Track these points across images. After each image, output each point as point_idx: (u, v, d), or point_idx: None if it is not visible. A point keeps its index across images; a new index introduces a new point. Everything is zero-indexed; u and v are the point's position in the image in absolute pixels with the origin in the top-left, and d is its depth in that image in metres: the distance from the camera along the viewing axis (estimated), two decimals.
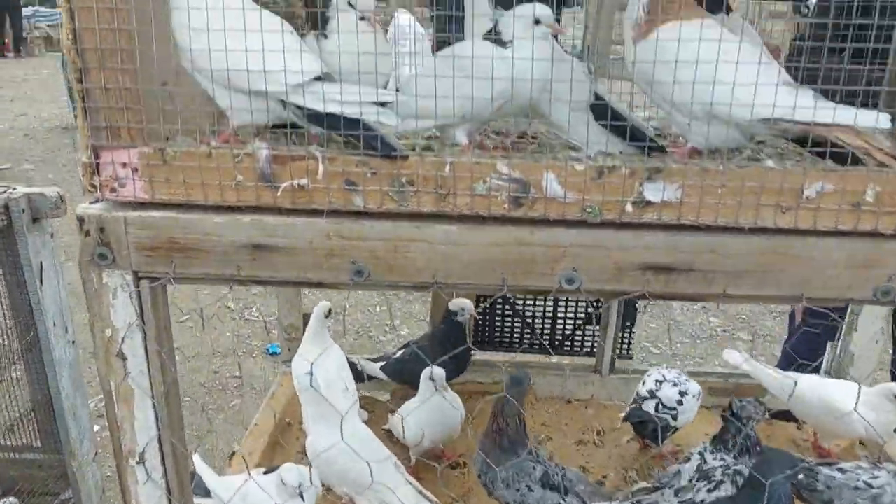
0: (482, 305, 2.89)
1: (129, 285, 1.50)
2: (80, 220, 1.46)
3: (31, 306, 2.92)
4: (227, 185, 1.43)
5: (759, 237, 1.36)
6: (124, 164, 1.43)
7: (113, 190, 1.45)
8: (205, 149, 1.43)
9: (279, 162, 1.41)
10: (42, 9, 16.60)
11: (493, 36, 1.52)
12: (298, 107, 1.39)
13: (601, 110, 1.70)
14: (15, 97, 12.39)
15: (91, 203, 1.49)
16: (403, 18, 2.68)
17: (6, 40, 15.20)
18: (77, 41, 1.36)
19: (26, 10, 15.81)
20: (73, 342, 3.05)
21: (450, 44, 1.59)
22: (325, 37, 1.55)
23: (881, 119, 1.33)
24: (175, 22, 1.41)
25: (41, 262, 2.87)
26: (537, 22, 1.48)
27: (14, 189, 2.83)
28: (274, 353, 5.34)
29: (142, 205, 1.46)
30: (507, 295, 1.49)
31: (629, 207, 1.37)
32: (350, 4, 1.53)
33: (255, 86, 1.37)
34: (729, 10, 1.75)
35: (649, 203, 1.36)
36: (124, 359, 1.55)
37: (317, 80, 1.39)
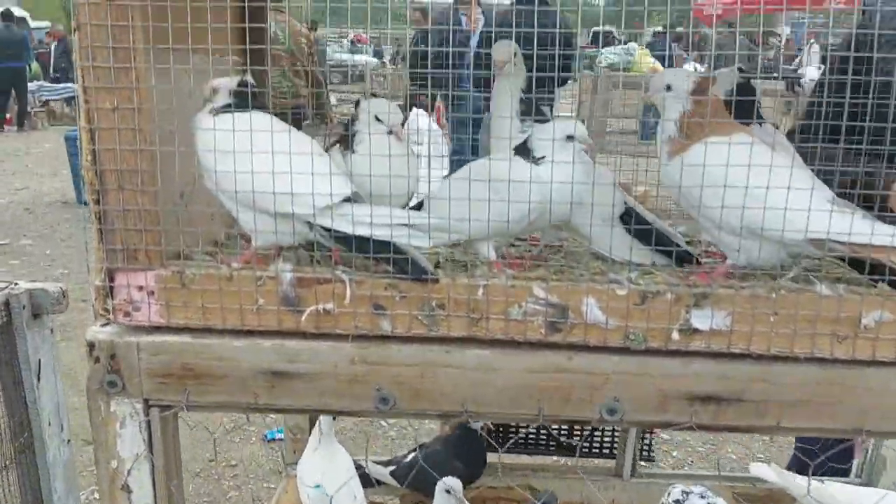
0: None
1: (138, 414, 1.40)
2: (91, 345, 1.37)
3: (26, 405, 2.80)
4: (248, 309, 1.35)
5: (814, 367, 1.29)
6: (140, 288, 1.36)
7: (126, 314, 1.37)
8: (225, 271, 1.36)
9: (304, 285, 1.34)
10: (47, 84, 16.88)
11: (524, 151, 1.47)
12: (326, 229, 1.33)
13: (633, 221, 1.65)
14: (16, 171, 12.44)
15: (102, 326, 1.41)
16: (415, 115, 2.67)
17: (9, 115, 15.40)
18: (96, 162, 1.30)
19: (31, 86, 16.07)
20: (69, 441, 2.93)
21: (473, 153, 1.55)
22: (353, 151, 1.50)
23: None
24: (199, 143, 1.36)
25: (39, 360, 2.77)
26: (570, 138, 1.44)
27: (16, 284, 2.75)
28: (273, 440, 5.16)
29: (156, 329, 1.38)
30: None
31: (675, 335, 1.29)
32: (378, 119, 1.48)
33: (281, 208, 1.31)
34: (760, 118, 1.73)
35: (697, 331, 1.29)
36: (129, 492, 1.44)
37: (345, 202, 1.33)
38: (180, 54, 1.32)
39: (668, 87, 1.49)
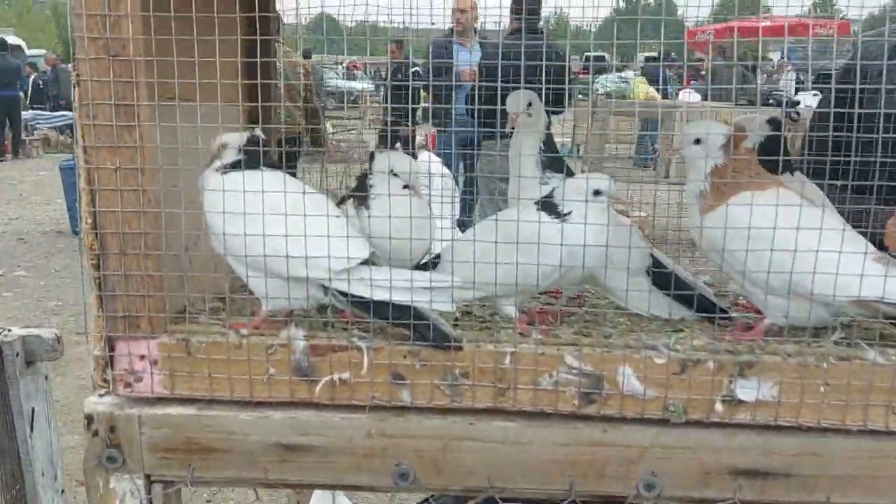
0: None
1: (139, 491, 1.30)
2: (89, 418, 1.28)
3: (19, 456, 2.69)
4: (258, 380, 1.26)
5: (867, 440, 1.20)
6: (142, 357, 1.27)
7: (127, 385, 1.28)
8: (234, 338, 1.27)
9: (318, 353, 1.25)
10: (42, 112, 16.83)
11: (550, 206, 1.39)
12: (342, 293, 1.24)
13: (659, 274, 1.57)
14: (10, 199, 12.33)
15: (101, 396, 1.31)
16: (425, 157, 2.59)
17: (6, 143, 15.32)
18: (97, 225, 1.22)
19: (26, 114, 16.01)
20: (63, 491, 2.81)
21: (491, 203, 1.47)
22: (367, 207, 1.42)
23: None
24: (207, 204, 1.28)
25: (33, 408, 2.66)
26: (597, 193, 1.36)
27: (9, 331, 2.65)
28: None
29: (159, 400, 1.29)
30: None
31: (718, 406, 1.21)
32: (394, 173, 1.40)
33: (295, 272, 1.23)
34: (792, 168, 1.66)
35: (741, 402, 1.20)
36: None
37: (363, 264, 1.24)
38: (186, 107, 1.24)
39: (698, 141, 1.42)
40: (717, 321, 1.52)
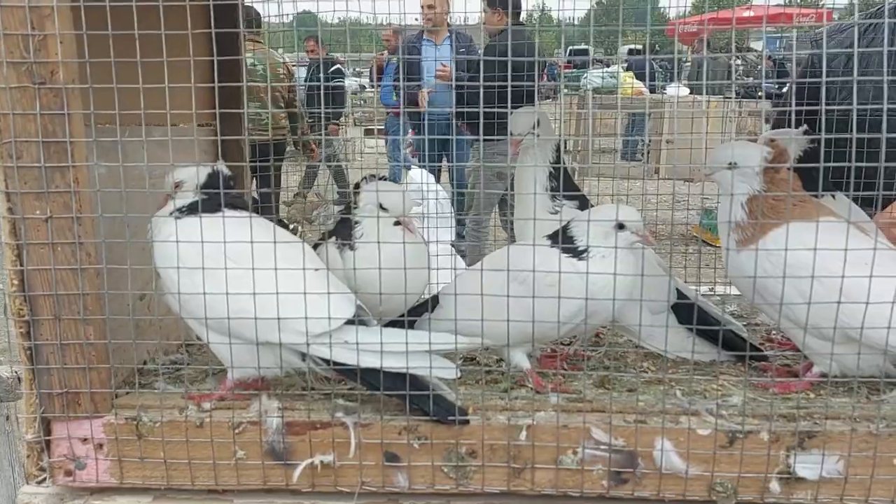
0: None
1: None
2: None
3: None
4: (224, 465, 1.06)
5: None
6: (85, 440, 1.07)
7: (68, 473, 1.08)
8: (194, 415, 1.06)
9: (295, 432, 1.06)
10: None
11: (564, 242, 1.19)
12: (323, 359, 1.04)
13: (684, 310, 1.38)
14: None
15: (38, 484, 1.10)
16: (417, 175, 2.39)
17: None
18: (25, 287, 1.01)
19: None
20: None
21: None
22: (352, 248, 1.21)
23: None
24: (158, 257, 1.07)
25: None
26: (621, 227, 1.16)
27: None
28: None
29: (106, 491, 1.09)
30: None
31: (774, 485, 1.02)
32: (382, 207, 1.20)
33: (265, 337, 1.02)
34: (833, 187, 1.47)
35: (801, 479, 1.01)
36: None
37: (348, 324, 1.04)
38: (134, 133, 1.02)
39: (734, 164, 1.22)
40: (752, 363, 1.36)
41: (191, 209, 1.08)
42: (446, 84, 4.74)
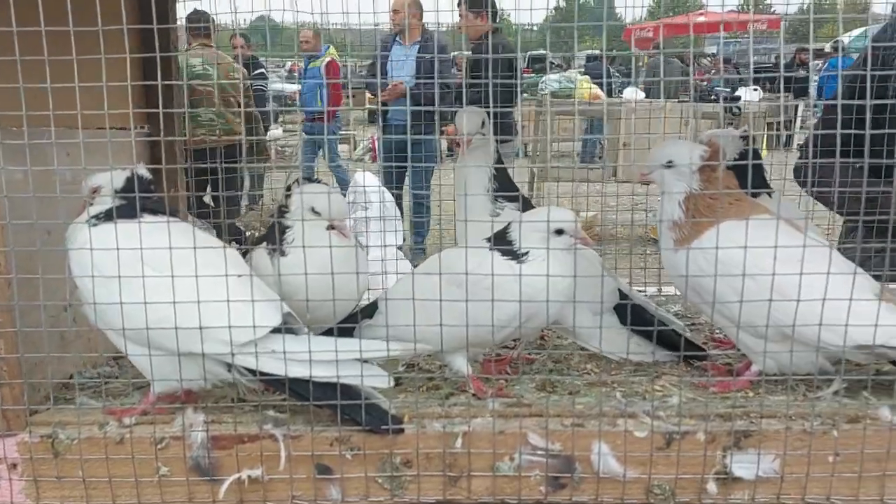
0: None
1: None
2: None
3: None
4: (147, 482, 1.01)
5: None
6: None
7: None
8: (114, 431, 1.01)
9: (222, 446, 1.01)
10: None
11: (504, 244, 1.17)
12: (249, 369, 1.00)
13: (626, 311, 1.37)
14: None
15: None
16: (363, 178, 2.35)
17: None
18: None
19: None
20: None
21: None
22: (283, 253, 1.17)
23: None
24: (74, 266, 1.02)
25: None
26: (560, 230, 1.15)
27: None
28: None
29: None
30: None
31: (712, 486, 1.01)
32: (315, 211, 1.16)
33: (187, 347, 0.98)
34: (767, 186, 1.48)
35: (738, 479, 1.00)
36: None
37: (275, 332, 1.00)
38: (49, 133, 0.97)
39: (670, 163, 1.22)
40: (694, 362, 1.35)
41: (107, 215, 1.03)
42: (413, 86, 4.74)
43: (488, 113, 1.41)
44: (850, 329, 1.03)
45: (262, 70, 6.13)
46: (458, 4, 4.92)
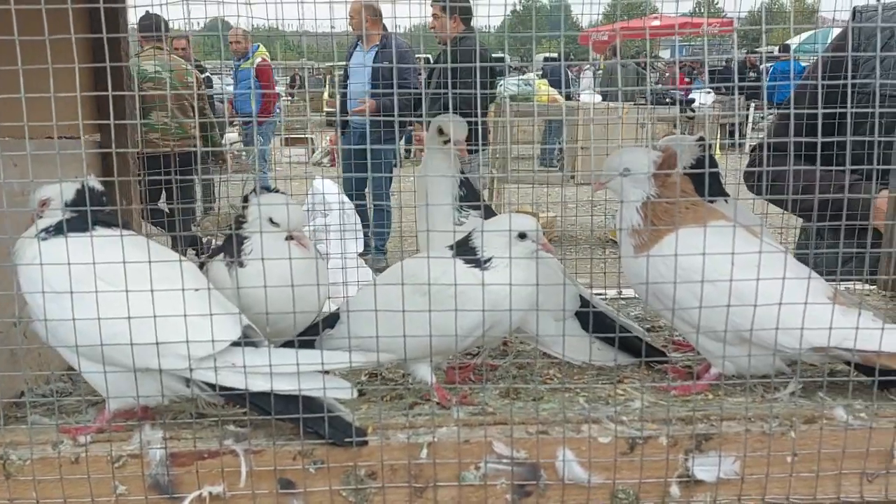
0: None
1: None
2: None
3: None
4: (104, 502, 0.98)
5: None
6: None
7: None
8: (69, 450, 0.98)
9: (181, 463, 0.99)
10: None
11: (467, 252, 1.17)
12: (208, 384, 0.98)
13: (587, 317, 1.38)
14: None
15: None
16: (321, 185, 2.33)
17: None
18: None
19: None
20: None
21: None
22: (241, 265, 1.15)
23: None
24: (23, 280, 0.99)
25: None
26: (522, 237, 1.15)
27: None
28: None
29: None
30: None
31: (675, 489, 1.02)
32: (273, 222, 1.14)
33: (144, 363, 0.95)
34: (723, 192, 1.50)
35: (700, 482, 1.02)
36: None
37: (235, 345, 0.98)
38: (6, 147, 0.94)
39: (627, 171, 1.23)
40: (655, 366, 1.37)
41: (58, 229, 1.00)
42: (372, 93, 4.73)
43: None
44: (805, 332, 1.06)
45: (207, 75, 6.05)
46: (432, 4, 4.92)
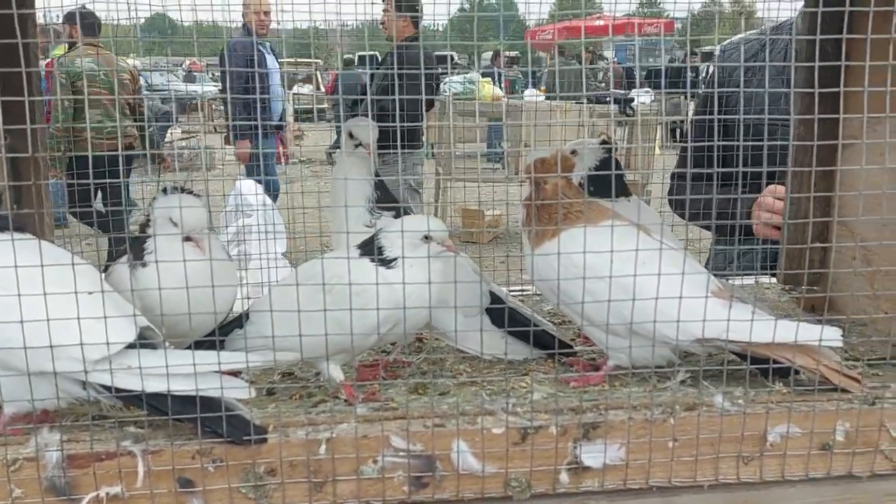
0: None
1: None
2: None
3: None
4: None
5: (720, 493, 1.11)
6: None
7: None
8: None
9: (78, 465, 0.99)
10: None
11: (373, 251, 1.20)
12: (105, 386, 0.99)
13: (498, 312, 1.43)
14: None
15: None
16: (246, 186, 2.33)
17: None
18: None
19: None
20: None
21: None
22: (144, 265, 1.16)
23: (828, 333, 1.14)
24: None
25: None
26: (427, 237, 1.19)
27: None
28: None
29: None
30: None
31: (564, 477, 1.07)
32: (172, 222, 1.15)
33: (37, 366, 0.96)
34: (626, 191, 1.57)
35: (588, 469, 1.07)
36: None
37: (130, 348, 0.99)
38: None
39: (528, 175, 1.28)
40: (562, 359, 1.42)
41: None
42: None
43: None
44: (685, 324, 1.12)
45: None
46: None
